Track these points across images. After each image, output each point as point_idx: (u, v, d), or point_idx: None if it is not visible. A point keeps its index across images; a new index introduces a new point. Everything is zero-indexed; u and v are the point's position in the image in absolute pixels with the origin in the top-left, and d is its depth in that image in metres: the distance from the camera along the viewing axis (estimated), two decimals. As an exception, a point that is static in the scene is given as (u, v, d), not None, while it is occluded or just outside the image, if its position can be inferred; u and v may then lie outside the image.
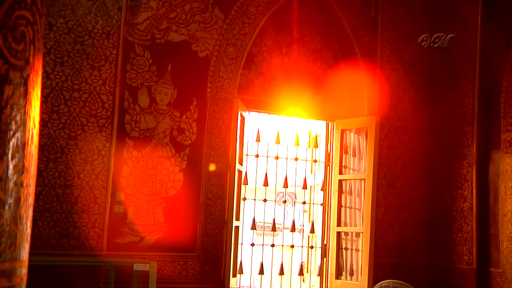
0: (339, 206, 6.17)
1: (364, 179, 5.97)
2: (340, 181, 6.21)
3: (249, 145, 6.07)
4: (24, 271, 1.60)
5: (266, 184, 6.09)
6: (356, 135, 6.23)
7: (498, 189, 5.59)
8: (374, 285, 5.28)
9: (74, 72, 5.09)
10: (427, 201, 6.28)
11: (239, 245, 5.75)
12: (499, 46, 5.71)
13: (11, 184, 1.49)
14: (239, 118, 5.66)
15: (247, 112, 5.96)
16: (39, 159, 4.86)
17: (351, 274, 6.02)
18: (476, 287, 5.62)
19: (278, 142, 6.19)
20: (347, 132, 6.27)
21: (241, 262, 5.87)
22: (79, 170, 5.03)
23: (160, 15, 5.48)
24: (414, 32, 6.38)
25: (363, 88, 6.23)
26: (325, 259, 6.22)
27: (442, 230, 6.08)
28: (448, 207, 6.03)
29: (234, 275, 5.62)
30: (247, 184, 6.06)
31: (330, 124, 6.40)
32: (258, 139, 6.10)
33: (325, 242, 6.26)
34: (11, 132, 1.49)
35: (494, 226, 5.59)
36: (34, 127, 1.61)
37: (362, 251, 5.88)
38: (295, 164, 6.26)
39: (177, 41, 5.54)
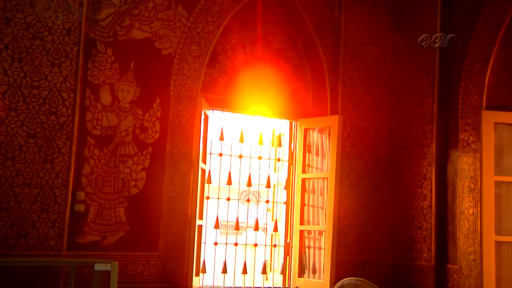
0: (302, 204, 6.22)
1: (327, 178, 6.02)
2: (303, 180, 6.25)
3: (213, 144, 6.05)
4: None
5: (229, 182, 6.09)
6: (319, 134, 6.28)
7: (455, 188, 5.72)
8: (336, 282, 5.34)
9: (33, 69, 4.98)
10: (388, 199, 6.38)
11: (202, 244, 5.73)
12: (457, 48, 5.84)
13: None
14: (203, 116, 5.64)
15: (211, 110, 5.94)
16: (-4, 157, 4.76)
17: (314, 272, 6.08)
18: (434, 283, 5.74)
19: (241, 141, 6.19)
20: (311, 131, 6.32)
21: (204, 261, 5.85)
22: (38, 168, 4.93)
23: (122, 11, 5.42)
24: (376, 32, 6.47)
25: (326, 88, 6.28)
26: (288, 257, 6.25)
27: (402, 228, 6.19)
28: (409, 205, 6.14)
29: (197, 274, 5.60)
30: (211, 183, 6.05)
31: (293, 123, 6.44)
32: (221, 138, 6.09)
33: (288, 241, 6.29)
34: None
35: (452, 223, 5.72)
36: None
37: (324, 249, 5.94)
38: (258, 163, 6.28)
39: (140, 38, 5.49)
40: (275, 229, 6.37)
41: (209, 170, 6.00)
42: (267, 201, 6.75)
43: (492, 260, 5.30)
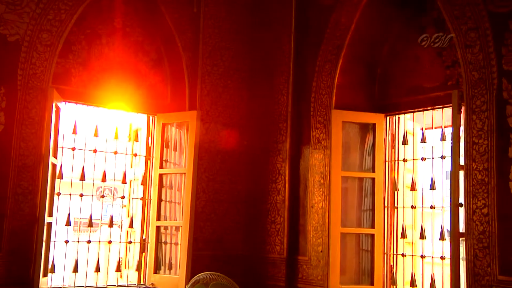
0: (159, 200, 6.16)
1: (185, 173, 6.02)
2: (161, 175, 6.19)
3: (65, 138, 5.78)
4: None
5: (83, 178, 5.85)
6: (177, 129, 6.26)
7: (307, 183, 6.00)
8: (192, 277, 5.35)
9: None
10: (244, 194, 6.52)
11: (52, 243, 5.46)
12: (310, 48, 6.11)
13: None
14: (54, 109, 5.38)
15: (63, 103, 5.67)
16: None
17: (170, 268, 6.05)
18: (286, 274, 5.98)
19: (96, 135, 5.98)
20: (169, 126, 6.27)
21: (53, 260, 5.58)
22: None
23: (-41, -8, 4.99)
24: (234, 30, 6.57)
25: (185, 83, 6.27)
26: (143, 253, 6.16)
27: (257, 222, 6.36)
28: (264, 200, 6.33)
29: (45, 275, 5.33)
30: (62, 178, 5.77)
31: (151, 117, 6.36)
32: (74, 132, 5.84)
33: (144, 237, 6.20)
34: None
35: (303, 217, 5.99)
36: None
37: (181, 244, 5.93)
38: (114, 157, 6.10)
39: (-19, 22, 5.09)
40: (131, 226, 6.25)
41: (61, 165, 5.72)
42: (123, 197, 6.60)
43: (338, 251, 5.62)
